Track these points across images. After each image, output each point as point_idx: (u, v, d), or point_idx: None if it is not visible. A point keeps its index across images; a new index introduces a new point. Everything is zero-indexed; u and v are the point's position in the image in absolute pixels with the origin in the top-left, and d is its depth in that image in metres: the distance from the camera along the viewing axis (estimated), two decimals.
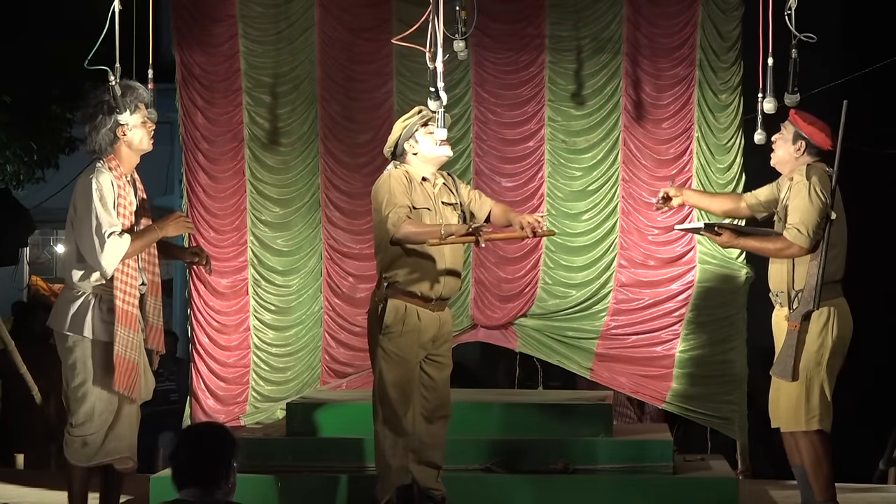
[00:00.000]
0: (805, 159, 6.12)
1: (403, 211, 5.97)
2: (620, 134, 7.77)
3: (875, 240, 9.22)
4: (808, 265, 5.99)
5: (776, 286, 6.13)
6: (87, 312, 5.83)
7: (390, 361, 6.04)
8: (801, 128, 6.12)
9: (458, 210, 6.22)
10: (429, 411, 6.14)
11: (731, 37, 7.63)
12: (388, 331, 6.04)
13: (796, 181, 6.05)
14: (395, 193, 6.01)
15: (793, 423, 6.06)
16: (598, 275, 7.79)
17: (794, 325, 5.97)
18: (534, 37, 7.82)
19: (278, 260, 8.00)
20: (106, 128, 5.93)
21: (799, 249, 5.98)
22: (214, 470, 4.08)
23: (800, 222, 5.96)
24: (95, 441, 5.84)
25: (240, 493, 4.19)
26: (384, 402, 6.05)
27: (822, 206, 5.98)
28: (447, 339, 6.21)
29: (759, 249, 6.16)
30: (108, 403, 5.85)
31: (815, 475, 6.02)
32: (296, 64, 7.94)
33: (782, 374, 6.00)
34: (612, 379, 7.71)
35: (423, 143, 6.15)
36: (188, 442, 4.22)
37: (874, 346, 9.50)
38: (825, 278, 5.94)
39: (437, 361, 6.15)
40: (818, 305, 5.94)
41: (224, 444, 4.16)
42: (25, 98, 10.06)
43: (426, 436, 6.13)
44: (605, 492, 6.53)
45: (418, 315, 6.04)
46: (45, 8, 10.29)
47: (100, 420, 5.84)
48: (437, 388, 6.15)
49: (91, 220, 5.80)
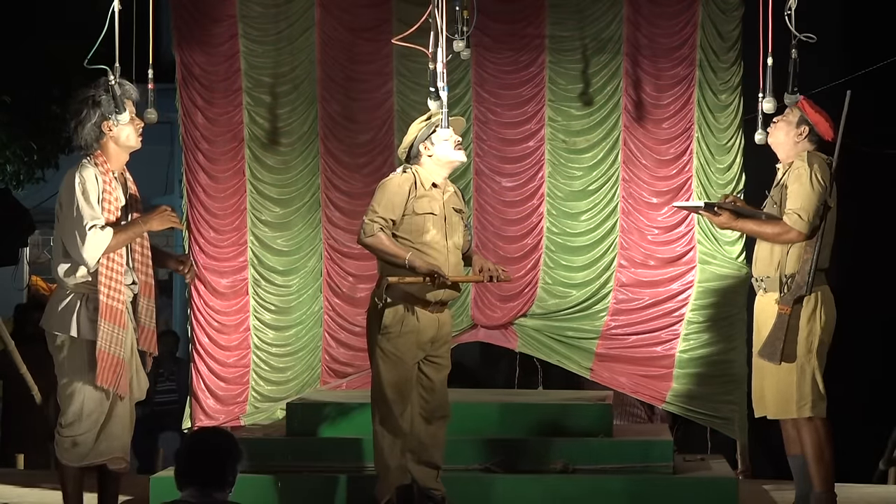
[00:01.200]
0: (804, 146, 6.13)
1: (380, 224, 5.98)
2: (620, 134, 7.77)
3: (875, 240, 9.22)
4: (801, 250, 6.00)
5: (761, 271, 6.15)
6: (73, 311, 5.80)
7: (388, 362, 6.04)
8: (808, 114, 6.13)
9: (464, 220, 6.23)
10: (428, 412, 6.14)
11: (731, 37, 7.64)
12: (387, 331, 6.04)
13: (796, 166, 6.06)
14: (387, 202, 6.02)
15: (783, 410, 6.07)
16: (598, 275, 7.80)
17: (786, 309, 5.98)
18: (534, 37, 7.82)
19: (278, 260, 8.00)
20: (91, 122, 5.90)
21: (797, 234, 5.99)
22: (217, 472, 4.08)
23: (800, 207, 5.98)
24: (86, 441, 5.79)
25: (240, 493, 4.20)
26: (382, 402, 6.05)
27: (821, 192, 5.99)
28: (446, 340, 6.20)
29: (756, 233, 6.16)
30: (98, 403, 5.80)
31: (817, 465, 6.01)
32: (296, 64, 7.94)
33: (770, 357, 6.01)
34: (612, 379, 7.71)
35: (440, 145, 6.11)
36: (195, 443, 4.24)
37: (873, 346, 9.50)
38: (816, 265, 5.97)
39: (436, 362, 6.15)
40: (811, 291, 5.96)
41: (230, 448, 4.18)
42: (25, 98, 10.06)
43: (425, 436, 6.13)
44: (605, 492, 6.53)
45: (417, 317, 6.04)
46: (45, 8, 10.29)
47: (89, 420, 5.80)
48: (436, 388, 6.15)
49: (73, 213, 5.78)
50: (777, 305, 6.03)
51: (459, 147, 6.17)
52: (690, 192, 7.69)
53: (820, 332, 6.03)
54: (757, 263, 6.19)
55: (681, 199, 7.68)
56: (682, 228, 7.72)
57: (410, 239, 6.04)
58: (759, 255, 6.19)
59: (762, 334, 6.12)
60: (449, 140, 6.10)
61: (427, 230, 6.05)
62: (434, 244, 6.05)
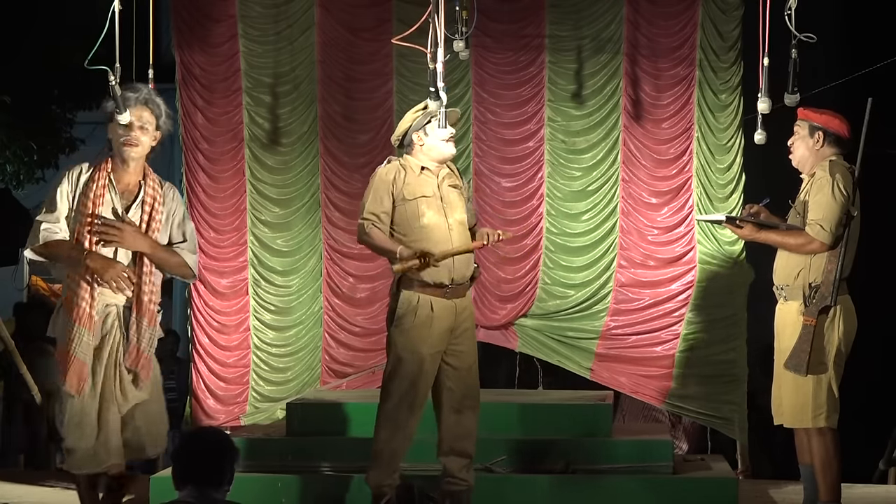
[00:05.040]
0: (825, 152, 6.08)
1: (371, 221, 5.97)
2: (620, 134, 7.78)
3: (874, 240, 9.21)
4: (825, 260, 5.97)
5: (782, 280, 6.09)
6: (57, 315, 5.71)
7: (401, 354, 5.94)
8: (815, 119, 6.09)
9: (464, 194, 6.17)
10: (456, 401, 6.03)
11: (731, 37, 7.64)
12: (400, 323, 5.95)
13: (818, 177, 6.01)
14: (374, 196, 6.01)
15: (798, 419, 6.03)
16: (598, 275, 7.80)
17: (811, 320, 5.94)
18: (534, 37, 7.82)
19: (278, 260, 8.00)
20: (111, 124, 5.82)
21: (820, 245, 5.95)
22: (214, 471, 4.09)
23: (822, 218, 5.94)
24: (80, 448, 5.63)
25: (240, 493, 4.21)
26: (389, 392, 5.98)
27: (844, 202, 5.95)
28: (466, 328, 6.04)
29: (780, 244, 6.12)
30: (80, 410, 5.62)
31: (824, 475, 5.99)
32: (296, 64, 7.95)
33: (797, 369, 5.95)
34: (612, 379, 7.71)
35: (433, 136, 6.06)
36: (190, 443, 4.24)
37: (877, 347, 9.49)
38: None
39: (459, 351, 6.01)
40: (836, 301, 5.94)
41: (225, 447, 4.18)
42: (25, 98, 10.06)
43: (455, 426, 6.02)
44: (605, 492, 6.52)
45: (432, 306, 5.92)
46: (46, 8, 10.29)
47: (77, 428, 5.61)
48: (462, 377, 6.03)
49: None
50: (801, 316, 5.99)
51: (451, 140, 6.13)
52: (690, 192, 7.69)
53: (838, 342, 5.97)
54: (777, 272, 6.13)
55: (680, 198, 7.69)
56: (682, 229, 7.72)
57: (410, 225, 5.97)
58: (779, 264, 6.13)
59: (782, 342, 6.08)
60: (444, 130, 6.07)
61: (422, 213, 5.97)
62: (433, 226, 5.97)
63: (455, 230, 6.02)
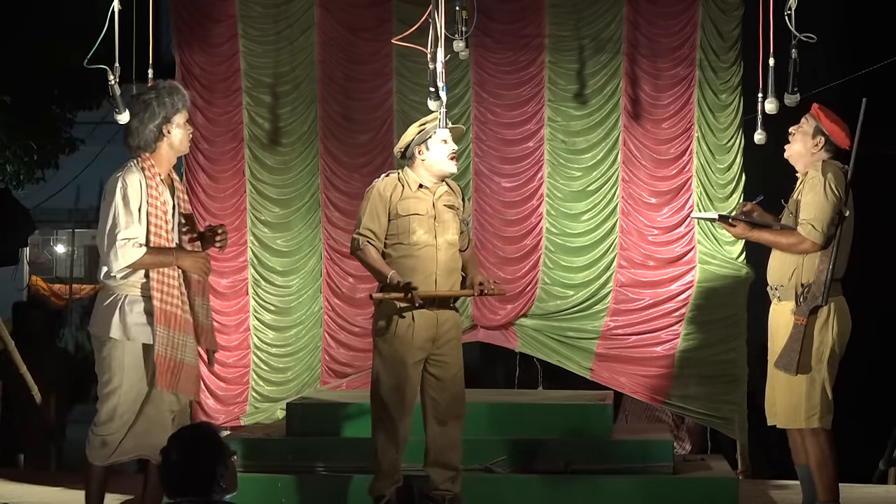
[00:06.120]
0: (821, 156, 6.08)
1: (366, 237, 6.00)
2: (620, 134, 7.78)
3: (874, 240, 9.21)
4: (817, 260, 5.98)
5: (776, 280, 6.10)
6: (113, 313, 5.76)
7: (385, 362, 6.02)
8: (824, 124, 6.09)
9: (459, 216, 6.19)
10: (440, 412, 6.07)
11: (731, 37, 7.64)
12: (382, 332, 6.03)
13: (811, 176, 6.02)
14: (370, 211, 6.04)
15: (792, 420, 6.04)
16: (598, 275, 7.80)
17: (802, 320, 5.95)
18: (534, 37, 7.82)
19: (278, 260, 8.00)
20: (154, 123, 5.86)
21: (812, 245, 5.96)
22: (205, 475, 4.01)
23: (814, 218, 5.94)
24: (114, 441, 5.77)
25: (240, 493, 4.17)
26: (378, 402, 6.04)
27: (836, 202, 5.95)
28: (449, 338, 6.09)
29: (772, 242, 6.12)
30: (132, 404, 5.78)
31: (821, 475, 6.00)
32: (296, 64, 7.95)
33: (787, 368, 5.96)
34: (612, 379, 7.71)
35: (434, 151, 6.08)
36: (175, 450, 4.08)
37: (874, 346, 9.49)
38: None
39: (441, 361, 6.07)
40: (826, 301, 5.94)
41: (211, 447, 4.06)
42: (25, 98, 10.06)
43: (439, 437, 6.07)
44: (605, 492, 6.52)
45: (413, 316, 5.98)
46: (45, 8, 10.30)
47: (120, 421, 5.77)
48: (445, 388, 6.07)
49: (109, 218, 5.76)
50: (793, 315, 6.00)
51: (454, 157, 6.12)
52: (690, 192, 7.69)
53: (832, 342, 5.97)
54: (771, 272, 6.14)
55: (680, 199, 7.69)
56: (682, 229, 7.72)
57: (400, 240, 6.03)
58: (773, 264, 6.14)
59: (776, 342, 6.08)
60: (446, 146, 6.07)
61: (413, 231, 6.02)
62: (421, 244, 6.02)
63: (443, 250, 6.05)
